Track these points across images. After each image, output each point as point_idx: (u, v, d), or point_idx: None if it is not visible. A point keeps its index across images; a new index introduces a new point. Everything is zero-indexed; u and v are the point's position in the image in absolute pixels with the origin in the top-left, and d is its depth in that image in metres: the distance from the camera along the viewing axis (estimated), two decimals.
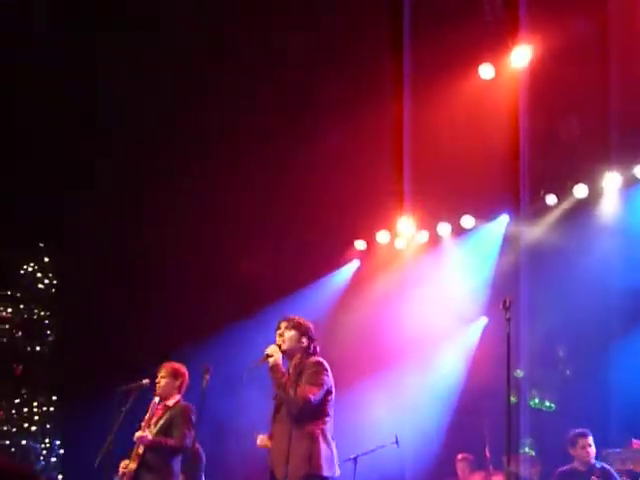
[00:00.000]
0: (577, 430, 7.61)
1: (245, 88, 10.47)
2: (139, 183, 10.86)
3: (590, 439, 7.48)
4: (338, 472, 5.48)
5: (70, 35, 10.01)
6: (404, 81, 10.16)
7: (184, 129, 10.81)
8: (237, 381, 5.64)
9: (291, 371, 5.61)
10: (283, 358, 5.64)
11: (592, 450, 7.46)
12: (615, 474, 7.32)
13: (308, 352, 5.70)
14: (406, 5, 9.89)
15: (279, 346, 5.65)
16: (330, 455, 5.43)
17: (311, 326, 5.79)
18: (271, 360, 5.52)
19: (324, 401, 5.50)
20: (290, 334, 5.68)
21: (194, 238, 10.93)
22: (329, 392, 5.54)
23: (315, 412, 5.44)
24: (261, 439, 5.69)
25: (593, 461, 7.47)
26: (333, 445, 5.47)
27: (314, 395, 5.38)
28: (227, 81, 10.33)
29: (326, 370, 5.55)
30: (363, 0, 10.09)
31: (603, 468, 7.40)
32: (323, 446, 5.38)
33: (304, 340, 5.70)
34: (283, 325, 5.72)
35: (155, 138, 10.72)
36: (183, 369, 7.00)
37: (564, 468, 7.60)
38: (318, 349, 5.68)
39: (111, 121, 10.65)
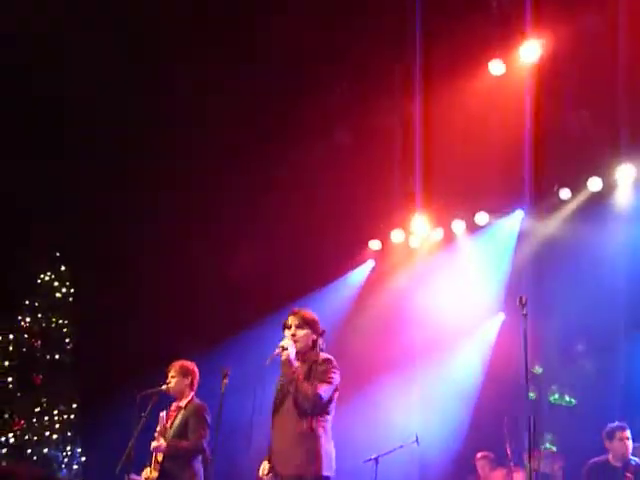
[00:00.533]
0: (616, 423, 7.51)
1: (252, 83, 10.46)
2: (154, 192, 10.90)
3: (628, 432, 7.35)
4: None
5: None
6: (415, 80, 10.15)
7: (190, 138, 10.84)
8: (252, 383, 5.62)
9: (299, 365, 5.52)
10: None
11: (630, 444, 7.34)
12: None
13: (317, 347, 5.64)
14: (417, 3, 9.86)
15: (295, 344, 5.54)
16: (331, 454, 5.37)
17: (318, 320, 5.71)
18: (285, 353, 5.43)
19: (330, 400, 5.45)
20: (303, 332, 5.58)
21: (209, 242, 10.96)
22: (336, 390, 5.49)
23: (322, 409, 5.39)
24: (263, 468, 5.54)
25: (629, 456, 7.34)
26: (332, 444, 5.40)
27: (325, 392, 5.34)
28: (226, 74, 10.29)
29: (336, 368, 5.50)
30: (379, 2, 10.07)
31: (638, 465, 7.28)
32: (325, 445, 5.33)
33: (314, 336, 5.63)
34: (294, 323, 5.60)
35: (161, 146, 10.74)
36: (192, 366, 7.06)
37: (597, 459, 7.44)
38: (325, 344, 5.60)
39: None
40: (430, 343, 10.71)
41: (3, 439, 10.84)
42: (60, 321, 11.63)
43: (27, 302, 11.63)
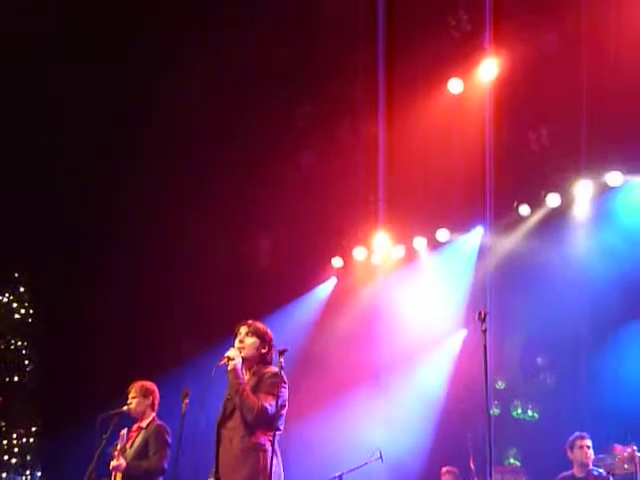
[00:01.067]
0: (577, 433, 7.61)
1: (220, 104, 10.46)
2: (108, 205, 10.81)
3: (588, 441, 7.49)
4: None
5: None
6: (376, 99, 10.23)
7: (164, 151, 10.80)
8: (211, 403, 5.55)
9: (247, 378, 5.48)
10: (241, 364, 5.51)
11: (590, 452, 7.47)
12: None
13: (266, 360, 5.58)
14: (378, 23, 9.96)
15: (241, 350, 5.50)
16: (279, 470, 5.28)
17: (271, 334, 5.65)
18: (231, 363, 5.38)
19: (277, 414, 5.34)
20: (251, 341, 5.53)
21: (171, 261, 10.89)
22: (283, 406, 5.41)
23: (268, 423, 5.30)
24: None
25: (591, 466, 7.47)
26: (280, 460, 5.31)
27: (271, 405, 5.26)
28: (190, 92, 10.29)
29: (284, 383, 5.42)
30: (339, 22, 10.15)
31: (600, 475, 7.40)
32: (274, 460, 5.24)
33: (264, 348, 5.57)
34: (243, 330, 5.56)
35: (124, 155, 10.68)
36: (153, 386, 6.98)
37: (564, 474, 7.59)
38: (274, 357, 5.49)
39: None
40: (393, 360, 10.73)
41: None
42: (19, 343, 11.44)
43: None
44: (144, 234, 10.93)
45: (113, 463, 6.53)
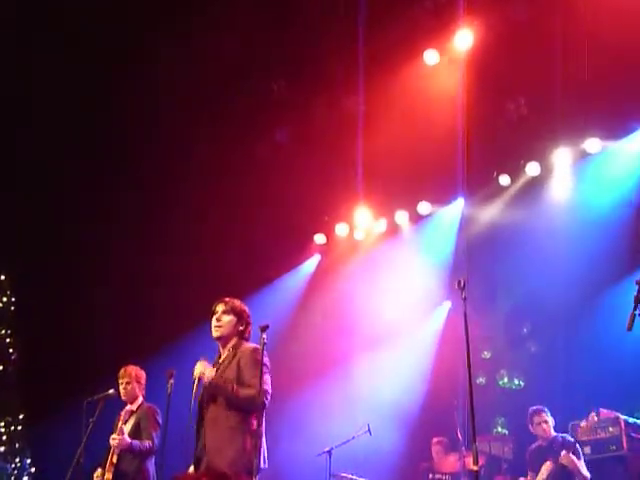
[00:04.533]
0: (532, 408, 7.75)
1: (196, 90, 10.39)
2: (91, 196, 10.73)
3: (544, 415, 7.66)
4: (265, 465, 5.24)
5: None
6: (353, 73, 10.18)
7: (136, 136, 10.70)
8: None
9: (225, 355, 5.45)
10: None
11: (548, 426, 7.67)
12: (576, 444, 7.43)
13: (244, 337, 5.55)
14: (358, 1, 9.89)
15: (217, 328, 5.48)
16: (262, 447, 5.21)
17: (248, 311, 5.63)
18: (206, 378, 5.29)
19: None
20: (228, 318, 5.50)
21: (149, 241, 10.84)
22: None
23: (263, 405, 5.23)
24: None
25: (552, 434, 7.65)
26: (264, 440, 5.26)
27: (268, 386, 5.23)
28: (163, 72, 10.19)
29: (264, 355, 5.29)
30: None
31: (564, 440, 7.56)
32: (256, 440, 5.15)
33: (241, 325, 5.54)
34: (220, 309, 5.53)
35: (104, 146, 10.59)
36: (142, 371, 7.12)
37: (532, 446, 7.80)
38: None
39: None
40: (379, 334, 10.76)
41: None
42: (3, 331, 11.37)
43: None
44: (125, 218, 10.87)
45: (114, 436, 6.59)
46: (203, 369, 5.33)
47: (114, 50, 9.92)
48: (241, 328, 5.56)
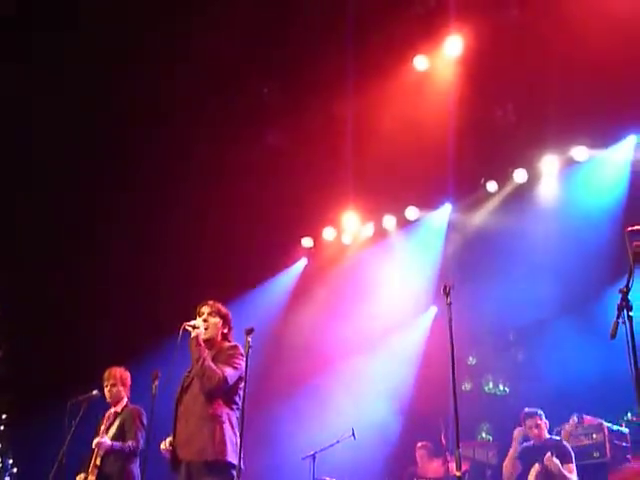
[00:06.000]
0: (526, 410, 7.76)
1: (193, 94, 10.36)
2: (75, 195, 10.68)
3: (537, 419, 7.65)
4: (242, 465, 5.24)
5: None
6: (344, 78, 10.18)
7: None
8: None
9: (208, 353, 5.50)
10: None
11: (540, 430, 7.63)
12: (568, 447, 7.45)
13: (227, 340, 5.69)
14: (347, 3, 9.89)
15: (204, 330, 5.58)
16: (235, 441, 5.29)
17: (230, 315, 5.77)
18: (195, 331, 5.48)
19: (235, 387, 5.43)
20: (214, 321, 5.66)
21: (137, 243, 10.80)
22: (241, 379, 5.45)
23: (224, 395, 5.37)
24: (164, 443, 5.52)
25: (546, 436, 7.62)
26: (239, 435, 5.30)
27: (229, 375, 5.34)
28: (178, 91, 10.18)
29: (242, 355, 5.48)
30: (305, 3, 10.06)
31: (557, 443, 7.55)
32: (229, 431, 5.29)
33: (225, 328, 5.70)
34: (206, 311, 5.67)
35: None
36: (127, 372, 7.11)
37: (526, 444, 7.75)
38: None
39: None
40: (365, 338, 10.77)
41: None
42: None
43: None
44: (112, 217, 10.82)
45: (96, 440, 6.56)
46: (200, 325, 5.53)
47: (114, 50, 9.88)
48: (225, 331, 5.71)
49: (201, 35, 9.74)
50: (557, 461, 7.24)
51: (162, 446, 5.51)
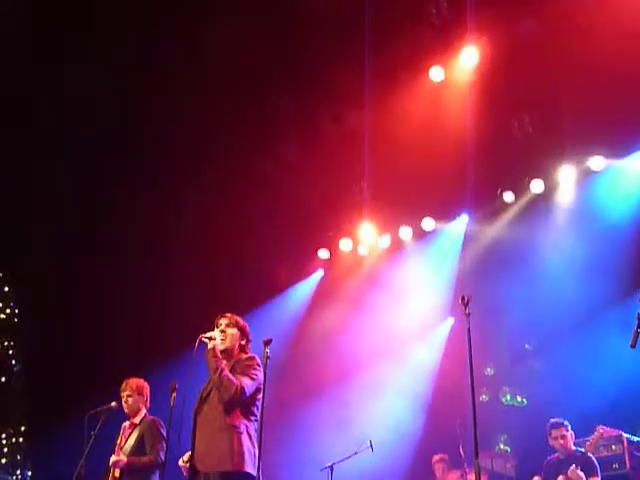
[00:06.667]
0: (552, 421, 7.69)
1: (208, 105, 10.41)
2: (94, 204, 10.74)
3: (563, 429, 7.58)
4: (260, 476, 5.24)
5: None
6: (360, 89, 10.20)
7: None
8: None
9: (225, 363, 5.51)
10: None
11: (566, 440, 7.56)
12: (594, 460, 7.38)
13: (244, 352, 5.70)
14: (363, 14, 9.92)
15: (222, 341, 5.60)
16: (253, 452, 5.28)
17: (247, 328, 5.79)
18: (211, 342, 5.50)
19: (253, 397, 5.43)
20: (232, 332, 5.67)
21: (153, 255, 10.84)
22: (259, 390, 5.46)
23: (243, 406, 5.37)
24: (182, 460, 5.54)
25: (572, 448, 7.57)
26: (257, 446, 5.31)
27: (247, 386, 5.34)
28: (169, 85, 10.22)
29: (259, 365, 5.50)
30: (322, 13, 10.09)
31: (584, 455, 7.47)
32: (247, 442, 5.29)
33: (243, 340, 5.71)
34: (224, 322, 5.69)
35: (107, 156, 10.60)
36: (145, 383, 7.08)
37: (551, 457, 7.71)
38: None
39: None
40: (382, 350, 10.74)
41: None
42: (6, 343, 11.38)
43: None
44: (131, 232, 10.87)
45: (113, 458, 6.57)
46: (217, 336, 5.56)
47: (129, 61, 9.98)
48: (243, 342, 5.72)
49: (216, 45, 9.80)
50: (582, 474, 7.17)
51: (180, 462, 5.53)
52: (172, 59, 9.99)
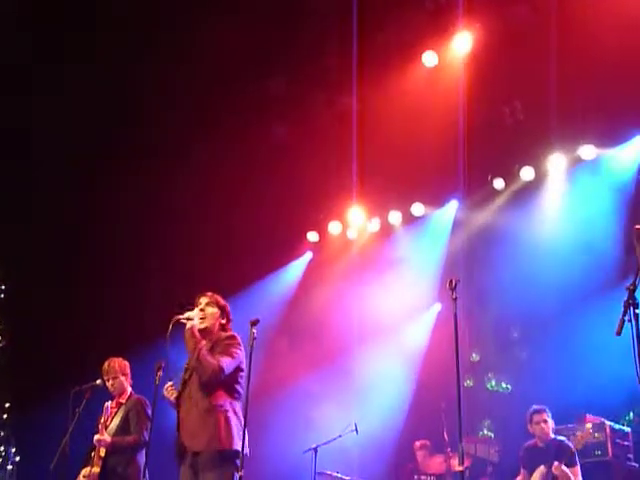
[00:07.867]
0: (534, 406, 7.72)
1: (197, 88, 10.36)
2: (80, 185, 10.69)
3: (545, 415, 7.60)
4: (247, 451, 5.26)
5: None
6: (351, 73, 10.16)
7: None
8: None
9: (205, 343, 5.46)
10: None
11: (547, 426, 7.58)
12: (572, 448, 7.41)
13: (224, 330, 5.64)
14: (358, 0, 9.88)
15: (202, 320, 5.54)
16: (241, 430, 5.27)
17: (228, 307, 5.73)
18: (189, 323, 5.43)
19: (234, 376, 5.40)
20: (212, 311, 5.60)
21: (141, 235, 10.81)
22: (240, 368, 5.44)
23: (225, 385, 5.34)
24: (166, 388, 5.50)
25: (551, 436, 7.59)
26: (243, 423, 5.28)
27: (226, 365, 5.29)
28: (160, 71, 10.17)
29: (239, 344, 5.47)
30: None
31: (561, 443, 7.50)
32: (234, 420, 5.28)
33: (223, 319, 5.65)
34: (204, 301, 5.62)
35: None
36: (125, 362, 7.06)
37: (528, 443, 7.73)
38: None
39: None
40: (368, 334, 10.77)
41: None
42: None
43: None
44: (118, 217, 10.83)
45: (97, 437, 6.55)
46: (195, 316, 5.49)
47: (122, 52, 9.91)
48: (223, 321, 5.66)
49: (206, 29, 9.74)
50: (567, 470, 7.20)
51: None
52: (170, 46, 9.92)
